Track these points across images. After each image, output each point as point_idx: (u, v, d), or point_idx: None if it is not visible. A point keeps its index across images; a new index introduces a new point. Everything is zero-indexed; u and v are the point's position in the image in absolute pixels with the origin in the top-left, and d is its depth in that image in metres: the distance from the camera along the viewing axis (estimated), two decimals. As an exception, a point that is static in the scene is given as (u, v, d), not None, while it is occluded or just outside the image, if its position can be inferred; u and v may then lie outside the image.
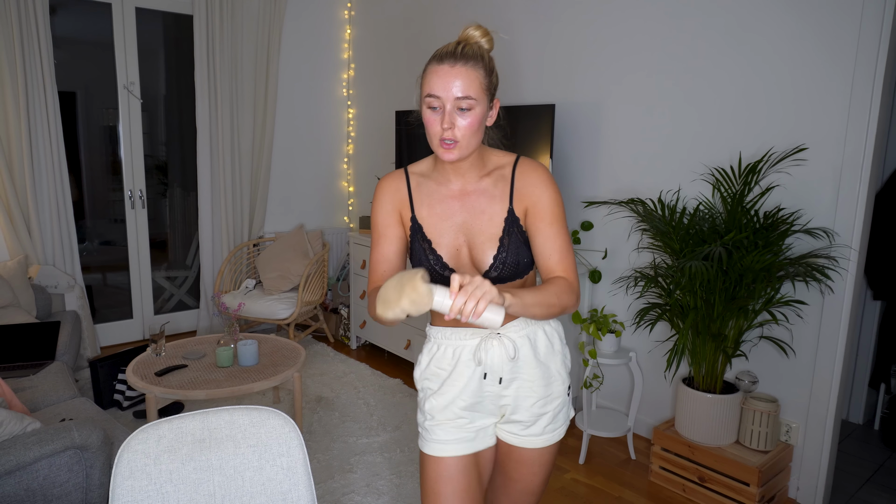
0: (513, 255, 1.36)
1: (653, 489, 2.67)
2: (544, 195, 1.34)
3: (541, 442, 1.43)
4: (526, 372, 1.40)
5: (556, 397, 1.44)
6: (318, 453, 2.84)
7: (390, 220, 1.41)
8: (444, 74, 1.24)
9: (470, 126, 1.26)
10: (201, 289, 4.44)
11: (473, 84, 1.25)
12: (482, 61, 1.27)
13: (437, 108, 1.26)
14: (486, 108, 1.29)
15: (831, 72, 2.37)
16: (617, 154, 3.13)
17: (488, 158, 1.40)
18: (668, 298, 2.58)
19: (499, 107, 1.35)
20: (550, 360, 1.43)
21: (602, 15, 3.12)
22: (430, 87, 1.26)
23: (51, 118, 3.66)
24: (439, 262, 1.38)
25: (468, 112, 1.25)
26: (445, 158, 1.29)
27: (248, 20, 4.36)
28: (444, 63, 1.25)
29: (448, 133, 1.26)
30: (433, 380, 1.45)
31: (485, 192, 1.38)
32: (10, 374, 2.68)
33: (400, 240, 1.42)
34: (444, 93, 1.24)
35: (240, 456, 1.21)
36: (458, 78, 1.24)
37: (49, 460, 1.75)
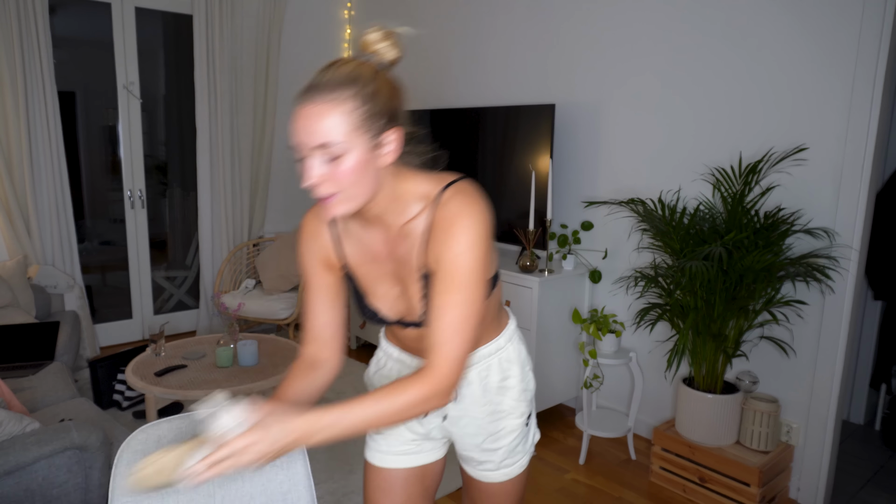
0: None
1: (653, 489, 2.66)
2: (453, 248, 1.01)
3: (499, 476, 1.33)
4: (473, 410, 1.28)
5: (510, 432, 1.30)
6: (318, 453, 2.83)
7: (317, 269, 1.20)
8: (300, 117, 0.97)
9: (343, 176, 0.98)
10: (201, 289, 4.44)
11: (338, 124, 0.95)
12: (354, 87, 0.97)
13: (301, 159, 0.99)
14: (367, 148, 0.98)
15: (832, 71, 2.37)
16: (617, 154, 3.13)
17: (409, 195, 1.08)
18: (669, 298, 2.58)
19: (401, 136, 1.03)
20: (504, 395, 1.29)
21: (602, 15, 3.11)
22: (290, 134, 1.00)
23: (50, 118, 3.66)
24: (376, 315, 1.22)
25: (338, 159, 0.97)
26: (328, 217, 1.04)
27: (248, 20, 4.36)
28: (303, 101, 0.97)
29: (321, 189, 0.99)
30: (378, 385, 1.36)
31: (407, 236, 1.11)
32: (9, 375, 2.67)
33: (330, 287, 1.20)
34: (299, 141, 0.97)
35: (239, 456, 1.21)
36: (314, 120, 0.95)
37: (48, 461, 1.75)
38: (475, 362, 1.26)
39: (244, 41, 4.35)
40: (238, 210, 4.48)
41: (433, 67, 4.13)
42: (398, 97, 1.05)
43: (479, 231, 1.02)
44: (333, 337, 1.23)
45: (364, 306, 1.22)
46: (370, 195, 1.03)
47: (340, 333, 1.24)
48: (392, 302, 1.20)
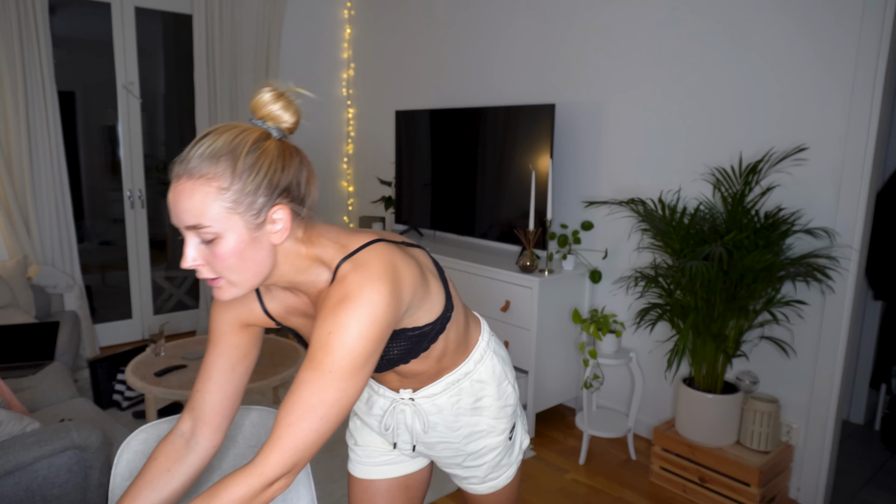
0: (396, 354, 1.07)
1: (653, 490, 2.66)
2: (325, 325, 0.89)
3: (485, 489, 1.31)
4: (447, 436, 1.23)
5: (492, 450, 1.25)
6: (318, 453, 2.83)
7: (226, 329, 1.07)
8: (171, 194, 0.87)
9: (225, 259, 0.88)
10: (201, 289, 4.44)
11: (209, 204, 0.85)
12: (229, 159, 0.85)
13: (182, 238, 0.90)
14: (246, 229, 0.88)
15: (832, 71, 2.37)
16: (617, 154, 3.12)
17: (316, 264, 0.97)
18: (669, 298, 2.58)
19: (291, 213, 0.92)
20: (480, 415, 1.22)
21: (602, 15, 3.11)
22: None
23: (50, 118, 3.66)
24: None
25: (215, 241, 0.87)
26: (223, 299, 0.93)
27: (248, 20, 4.35)
28: (174, 178, 0.87)
29: (203, 272, 0.90)
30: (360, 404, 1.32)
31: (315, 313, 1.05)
32: (9, 375, 2.67)
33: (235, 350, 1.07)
34: (173, 220, 0.88)
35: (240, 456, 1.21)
36: (183, 199, 0.86)
37: (48, 461, 1.75)
38: (443, 390, 1.17)
39: (244, 41, 4.35)
40: (238, 210, 4.48)
41: (433, 67, 4.13)
42: (289, 169, 0.91)
43: (363, 315, 0.88)
44: (220, 411, 1.08)
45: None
46: (261, 277, 0.92)
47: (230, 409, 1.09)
48: None
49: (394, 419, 1.21)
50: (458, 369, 1.18)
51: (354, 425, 1.36)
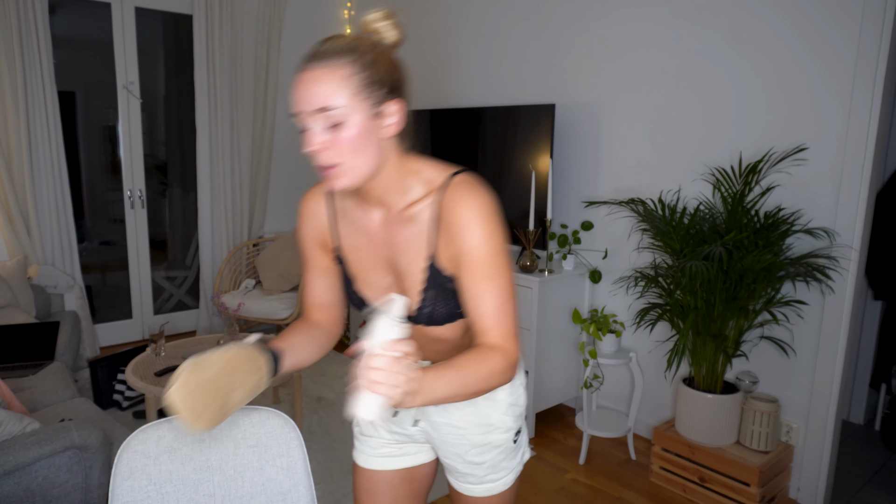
0: (442, 307, 1.12)
1: (653, 489, 2.66)
2: (471, 240, 1.02)
3: (481, 491, 1.28)
4: (458, 420, 1.23)
5: (496, 447, 1.25)
6: (318, 453, 2.83)
7: (313, 250, 1.21)
8: (300, 84, 0.96)
9: (347, 143, 0.97)
10: (201, 289, 4.44)
11: (337, 89, 0.95)
12: (353, 54, 0.96)
13: (305, 128, 0.98)
14: (367, 115, 0.98)
15: (832, 71, 2.37)
16: (617, 154, 3.13)
17: (414, 177, 1.08)
18: (669, 298, 2.58)
19: (404, 109, 1.03)
20: (491, 408, 1.23)
21: (602, 15, 3.12)
22: (291, 103, 0.99)
23: (50, 118, 3.66)
24: (363, 302, 1.19)
25: (339, 126, 0.96)
26: (330, 189, 1.02)
27: (248, 20, 4.36)
28: (302, 69, 0.97)
29: (322, 157, 0.98)
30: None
31: (411, 221, 1.08)
32: (9, 375, 2.67)
33: (326, 269, 1.22)
34: (300, 107, 0.96)
35: (240, 456, 1.21)
36: (314, 85, 0.95)
37: (48, 461, 1.75)
38: None
39: (244, 41, 4.35)
40: (238, 210, 4.48)
41: (433, 67, 4.13)
42: (399, 72, 1.04)
43: (493, 220, 1.03)
44: (333, 305, 1.25)
45: (352, 292, 1.20)
46: (372, 168, 1.01)
47: (340, 306, 1.26)
48: (382, 292, 1.16)
49: None
50: None
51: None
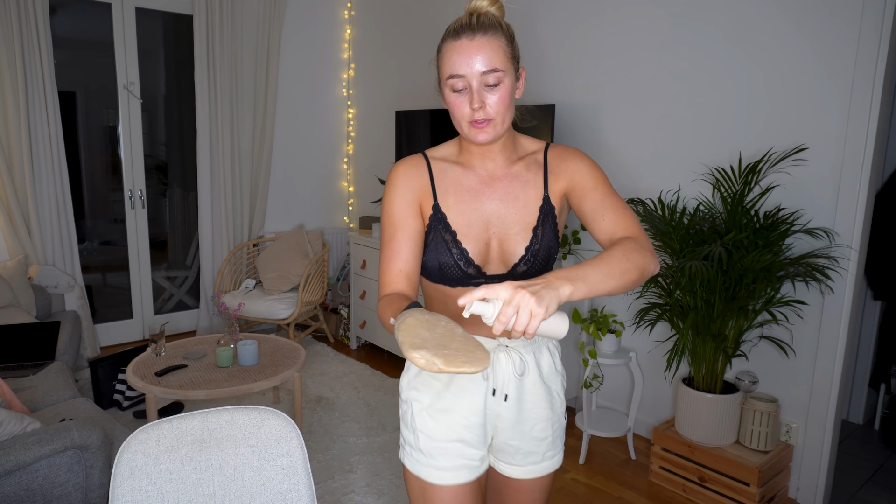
0: (545, 247, 1.23)
1: (653, 489, 2.66)
2: (581, 167, 1.22)
3: (540, 470, 1.32)
4: (531, 393, 1.28)
5: (558, 419, 1.34)
6: (318, 453, 2.83)
7: (409, 211, 1.23)
8: (464, 50, 1.12)
9: (502, 100, 1.14)
10: (201, 289, 4.44)
11: (498, 54, 1.12)
12: (501, 29, 1.15)
13: (462, 90, 1.14)
14: (514, 78, 1.17)
15: (831, 71, 2.37)
16: (617, 154, 3.13)
17: (519, 142, 1.28)
18: (668, 298, 2.58)
19: (524, 76, 1.22)
20: (552, 381, 1.32)
21: (602, 15, 3.12)
22: (451, 67, 1.13)
23: (50, 118, 3.66)
24: (464, 256, 1.22)
25: (497, 87, 1.13)
26: (479, 140, 1.16)
27: (248, 20, 4.36)
28: (461, 38, 1.13)
29: (479, 113, 1.14)
30: (424, 391, 1.28)
31: (517, 176, 1.25)
32: (9, 374, 2.68)
33: (419, 235, 1.23)
34: (468, 69, 1.12)
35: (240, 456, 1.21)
36: (480, 51, 1.11)
37: (49, 460, 1.75)
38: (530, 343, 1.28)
39: (244, 41, 4.35)
40: (238, 210, 4.48)
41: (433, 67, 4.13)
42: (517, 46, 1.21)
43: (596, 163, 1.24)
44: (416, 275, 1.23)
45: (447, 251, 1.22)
46: (508, 125, 1.19)
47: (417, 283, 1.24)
48: (480, 245, 1.23)
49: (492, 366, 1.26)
50: None
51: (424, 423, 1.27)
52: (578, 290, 0.94)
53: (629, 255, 1.03)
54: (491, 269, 1.24)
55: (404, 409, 1.31)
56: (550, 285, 0.91)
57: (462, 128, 1.17)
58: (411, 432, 1.28)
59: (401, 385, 1.34)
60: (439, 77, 1.20)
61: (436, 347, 0.91)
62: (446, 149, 1.30)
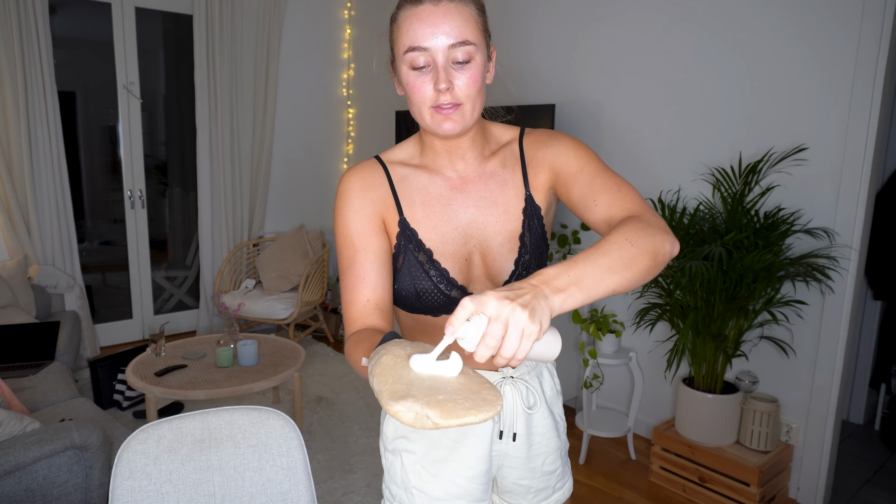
0: (535, 255, 1.04)
1: (653, 489, 2.66)
2: (561, 149, 1.01)
3: (553, 501, 1.20)
4: (540, 425, 1.14)
5: (563, 444, 1.20)
6: (318, 453, 2.83)
7: (370, 228, 1.01)
8: (427, 17, 0.90)
9: (473, 81, 0.93)
10: (201, 289, 4.44)
11: (469, 24, 0.92)
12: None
13: (424, 67, 0.93)
14: (486, 57, 0.97)
15: (832, 71, 2.37)
16: (617, 154, 3.13)
17: (490, 132, 1.08)
18: (669, 298, 2.58)
19: (496, 56, 1.02)
20: (555, 405, 1.18)
21: (602, 15, 3.12)
22: (411, 38, 0.91)
23: (50, 118, 3.66)
24: (444, 278, 1.02)
25: (468, 64, 0.92)
26: (445, 130, 0.95)
27: (248, 20, 4.36)
28: (423, 2, 0.91)
29: (446, 96, 0.92)
30: (415, 439, 1.08)
31: (493, 175, 1.04)
32: (9, 374, 2.68)
33: (386, 255, 1.01)
34: (433, 41, 0.90)
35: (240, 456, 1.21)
36: (447, 19, 0.90)
37: (49, 460, 1.75)
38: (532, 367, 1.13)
39: (244, 41, 4.35)
40: (238, 210, 4.48)
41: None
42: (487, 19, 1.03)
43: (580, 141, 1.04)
44: (389, 305, 1.00)
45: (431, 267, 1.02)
46: (478, 115, 0.98)
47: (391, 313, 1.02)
48: (460, 263, 1.03)
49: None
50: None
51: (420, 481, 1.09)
52: (572, 297, 0.72)
53: (634, 238, 0.79)
54: (477, 290, 1.04)
55: (391, 462, 1.11)
56: (540, 294, 0.70)
57: (423, 116, 0.95)
58: (403, 490, 1.09)
59: (384, 432, 1.12)
60: (393, 53, 0.98)
61: (427, 393, 0.67)
62: (404, 150, 1.08)
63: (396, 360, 0.73)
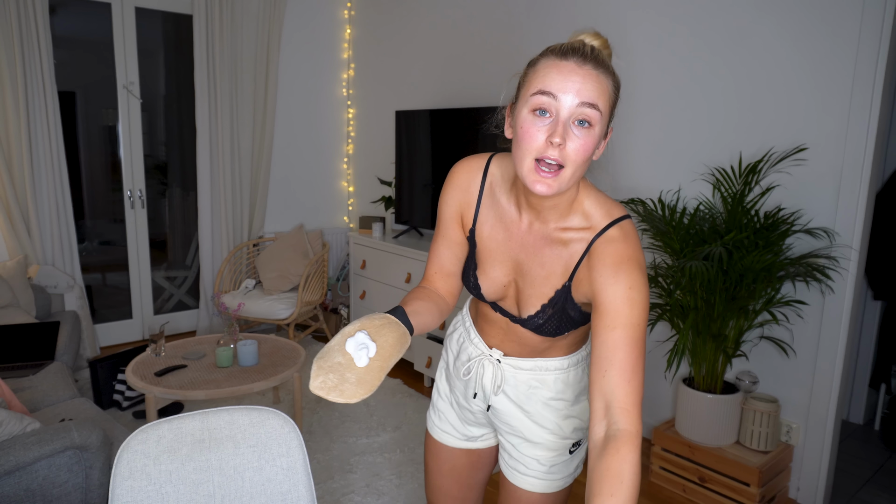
0: (555, 320, 1.14)
1: (653, 489, 2.66)
2: (617, 288, 0.99)
3: (527, 484, 1.29)
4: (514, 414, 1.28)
5: (549, 448, 1.27)
6: (318, 453, 2.83)
7: (454, 218, 1.20)
8: (569, 72, 0.93)
9: (584, 148, 0.94)
10: (201, 289, 4.44)
11: (603, 93, 0.95)
12: (613, 75, 0.99)
13: (545, 114, 0.94)
14: (604, 131, 0.98)
15: (832, 71, 2.37)
16: (617, 154, 3.13)
17: (579, 206, 1.07)
18: (669, 298, 2.58)
19: (610, 137, 1.04)
20: (548, 411, 1.26)
21: (602, 14, 3.12)
22: (545, 83, 0.94)
23: (50, 118, 3.66)
24: (477, 290, 1.20)
25: (587, 129, 0.94)
26: (537, 190, 0.96)
27: (248, 20, 4.36)
28: (570, 59, 0.94)
29: (554, 151, 0.93)
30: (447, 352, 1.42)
31: (554, 245, 1.08)
32: (9, 375, 2.68)
33: (459, 244, 1.22)
34: (564, 92, 0.93)
35: (240, 456, 1.21)
36: (586, 80, 0.94)
37: (49, 460, 1.75)
38: (529, 369, 1.24)
39: (244, 41, 4.35)
40: (238, 210, 4.48)
41: (433, 67, 4.13)
42: None
43: (644, 276, 1.01)
44: (455, 276, 1.24)
45: (469, 275, 1.21)
46: (574, 181, 0.98)
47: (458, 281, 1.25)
48: (497, 287, 1.18)
49: (475, 371, 1.29)
50: (553, 359, 1.24)
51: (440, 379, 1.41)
52: None
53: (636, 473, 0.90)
54: (507, 305, 1.20)
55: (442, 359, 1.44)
56: None
57: (524, 164, 0.96)
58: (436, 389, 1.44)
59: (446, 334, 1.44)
60: (517, 95, 1.01)
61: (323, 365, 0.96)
62: (508, 168, 1.14)
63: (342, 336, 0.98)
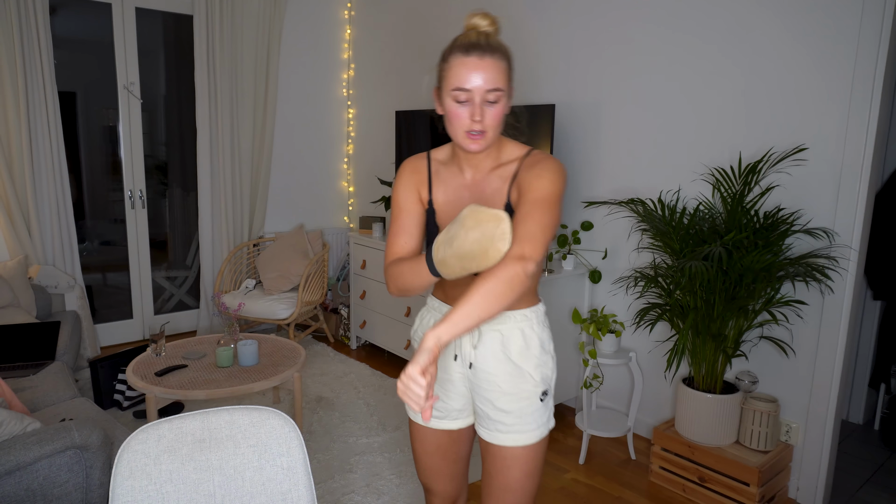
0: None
1: (653, 489, 2.67)
2: (536, 180, 1.31)
3: (508, 440, 1.41)
4: (493, 366, 1.42)
5: (524, 398, 1.41)
6: (318, 453, 2.83)
7: (412, 198, 1.45)
8: (473, 67, 1.25)
9: (497, 116, 1.29)
10: (201, 289, 4.44)
11: (501, 75, 1.27)
12: (506, 51, 1.30)
13: (464, 101, 1.28)
14: (509, 97, 1.31)
15: (831, 71, 2.37)
16: (617, 154, 3.13)
17: (503, 150, 1.41)
18: (668, 298, 2.58)
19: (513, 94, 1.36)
20: (524, 361, 1.41)
21: (602, 15, 3.12)
22: (459, 80, 1.26)
23: (51, 118, 3.66)
24: None
25: (495, 104, 1.28)
26: (471, 149, 1.31)
27: (248, 20, 4.36)
28: (471, 55, 1.25)
29: (477, 125, 1.28)
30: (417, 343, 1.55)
31: (490, 183, 1.40)
32: (10, 374, 2.68)
33: (420, 216, 1.45)
34: (474, 85, 1.26)
35: (240, 456, 1.21)
36: (487, 70, 1.25)
37: (49, 460, 1.75)
38: (499, 323, 1.41)
39: (244, 41, 4.35)
40: (238, 210, 4.48)
41: (433, 68, 4.13)
42: None
43: (559, 170, 1.32)
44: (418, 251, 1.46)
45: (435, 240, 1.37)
46: (495, 139, 1.32)
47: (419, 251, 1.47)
48: None
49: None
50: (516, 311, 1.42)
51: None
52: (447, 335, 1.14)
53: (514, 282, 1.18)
54: None
55: None
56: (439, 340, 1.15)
57: (457, 136, 1.31)
58: None
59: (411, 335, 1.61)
60: (441, 84, 1.32)
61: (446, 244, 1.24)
62: (443, 152, 1.48)
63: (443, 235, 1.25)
